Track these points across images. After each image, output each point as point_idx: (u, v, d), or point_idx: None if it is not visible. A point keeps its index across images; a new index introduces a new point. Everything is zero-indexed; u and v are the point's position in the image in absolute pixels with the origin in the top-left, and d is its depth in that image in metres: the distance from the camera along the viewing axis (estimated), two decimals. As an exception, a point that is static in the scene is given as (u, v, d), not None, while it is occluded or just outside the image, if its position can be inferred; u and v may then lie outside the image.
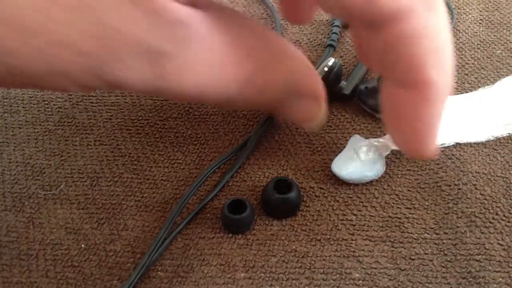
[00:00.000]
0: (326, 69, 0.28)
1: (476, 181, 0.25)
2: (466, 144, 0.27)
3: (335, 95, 0.29)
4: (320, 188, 0.25)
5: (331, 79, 0.28)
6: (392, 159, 0.26)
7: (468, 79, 0.31)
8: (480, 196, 0.25)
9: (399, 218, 0.24)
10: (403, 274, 0.22)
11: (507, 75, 0.31)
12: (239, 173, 0.26)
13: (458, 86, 0.30)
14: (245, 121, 0.28)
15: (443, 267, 0.22)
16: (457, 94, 0.30)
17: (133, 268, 0.22)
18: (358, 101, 0.29)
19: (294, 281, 0.22)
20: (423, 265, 0.22)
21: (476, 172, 0.26)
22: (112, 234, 0.23)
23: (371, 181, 0.25)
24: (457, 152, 0.27)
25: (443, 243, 0.23)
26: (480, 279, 0.22)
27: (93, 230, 0.23)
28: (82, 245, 0.23)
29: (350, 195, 0.25)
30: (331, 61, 0.29)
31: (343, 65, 0.31)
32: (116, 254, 0.22)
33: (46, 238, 0.23)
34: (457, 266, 0.22)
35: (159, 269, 0.22)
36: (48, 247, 0.23)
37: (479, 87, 0.30)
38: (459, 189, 0.25)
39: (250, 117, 0.28)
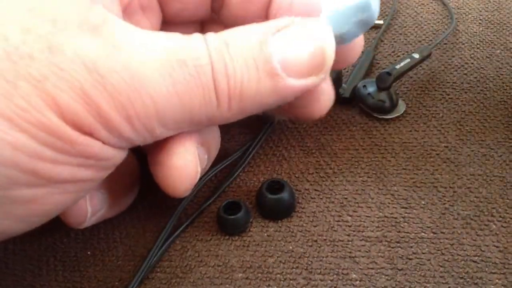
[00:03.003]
0: None
1: (471, 183, 0.24)
2: (462, 146, 0.25)
3: (336, 99, 0.27)
4: (315, 190, 0.24)
5: (332, 84, 0.27)
6: (388, 158, 0.25)
7: (467, 78, 0.29)
8: (475, 198, 0.23)
9: (395, 217, 0.22)
10: (400, 274, 0.21)
11: (507, 75, 0.29)
12: (234, 179, 0.24)
13: (457, 86, 0.29)
14: (241, 129, 0.27)
15: (440, 266, 0.21)
16: (457, 93, 0.28)
17: (132, 270, 0.21)
18: (356, 100, 0.27)
19: (291, 281, 0.21)
20: (421, 264, 0.21)
21: (471, 175, 0.24)
22: (115, 242, 0.22)
23: (366, 181, 0.24)
24: (452, 155, 0.25)
25: (441, 242, 0.21)
26: (478, 279, 0.20)
27: (99, 240, 0.23)
28: (88, 252, 0.22)
29: (346, 196, 0.23)
30: None
31: (343, 68, 0.30)
32: (117, 258, 0.22)
33: (56, 247, 0.22)
34: (455, 266, 0.21)
35: (158, 270, 0.21)
36: (58, 254, 0.22)
37: (479, 86, 0.29)
38: (454, 192, 0.23)
39: (246, 125, 0.27)
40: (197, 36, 0.17)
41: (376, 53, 0.31)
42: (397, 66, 0.28)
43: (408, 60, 0.28)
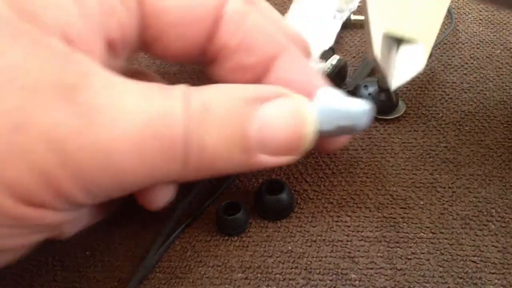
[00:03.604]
0: (330, 67, 0.27)
1: (470, 184, 0.24)
2: (461, 146, 0.26)
3: None
4: (314, 190, 0.24)
5: (336, 77, 0.27)
6: (387, 159, 0.25)
7: (467, 78, 0.29)
8: (474, 199, 0.23)
9: (394, 218, 0.23)
10: (399, 274, 0.21)
11: (507, 75, 0.29)
12: (233, 179, 0.24)
13: (457, 86, 0.29)
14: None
15: (440, 266, 0.21)
16: (457, 93, 0.29)
17: (132, 271, 0.21)
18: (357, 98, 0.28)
19: (291, 281, 0.21)
20: (420, 264, 0.21)
21: (470, 175, 0.24)
22: (114, 242, 0.23)
23: (364, 181, 0.24)
24: (451, 155, 0.25)
25: (440, 242, 0.22)
26: (477, 280, 0.20)
27: (98, 240, 0.23)
28: (87, 253, 0.22)
29: (344, 197, 0.23)
30: (335, 59, 0.28)
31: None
32: (117, 259, 0.22)
33: (55, 247, 0.22)
34: (454, 266, 0.21)
35: (158, 270, 0.21)
36: (57, 254, 0.22)
37: (478, 86, 0.29)
38: (453, 192, 0.24)
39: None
40: (177, 97, 0.17)
41: (376, 53, 0.31)
42: (398, 67, 0.28)
43: (409, 60, 0.28)
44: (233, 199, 0.23)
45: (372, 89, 0.27)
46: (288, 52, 0.20)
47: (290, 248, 0.22)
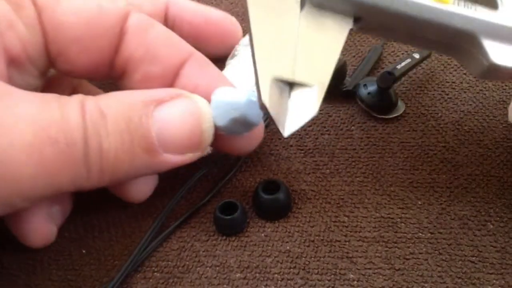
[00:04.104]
0: None
1: (468, 184, 0.24)
2: (459, 146, 0.26)
3: (339, 92, 0.28)
4: (312, 190, 0.24)
5: (335, 76, 0.27)
6: (385, 158, 0.25)
7: (467, 78, 0.29)
8: (472, 198, 0.23)
9: (392, 218, 0.23)
10: (398, 274, 0.21)
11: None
12: (230, 179, 0.25)
13: (456, 85, 0.29)
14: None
15: (438, 266, 0.21)
16: (456, 92, 0.29)
17: (129, 270, 0.22)
18: (356, 98, 0.28)
19: (289, 281, 0.21)
20: (418, 264, 0.21)
21: (468, 175, 0.24)
22: (111, 240, 0.23)
23: (362, 181, 0.24)
24: (449, 155, 0.25)
25: (438, 242, 0.22)
26: (476, 280, 0.20)
27: (94, 238, 0.23)
28: (83, 251, 0.22)
29: (342, 197, 0.24)
30: None
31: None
32: (114, 257, 0.22)
33: (50, 246, 0.23)
34: (453, 266, 0.21)
35: (155, 270, 0.21)
36: (52, 253, 0.22)
37: (478, 86, 0.29)
38: (452, 192, 0.24)
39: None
40: (74, 104, 0.17)
41: (375, 53, 0.31)
42: (398, 66, 0.28)
43: (409, 60, 0.29)
44: (231, 199, 0.23)
45: (371, 88, 0.27)
46: (193, 58, 0.21)
47: (288, 248, 0.22)
